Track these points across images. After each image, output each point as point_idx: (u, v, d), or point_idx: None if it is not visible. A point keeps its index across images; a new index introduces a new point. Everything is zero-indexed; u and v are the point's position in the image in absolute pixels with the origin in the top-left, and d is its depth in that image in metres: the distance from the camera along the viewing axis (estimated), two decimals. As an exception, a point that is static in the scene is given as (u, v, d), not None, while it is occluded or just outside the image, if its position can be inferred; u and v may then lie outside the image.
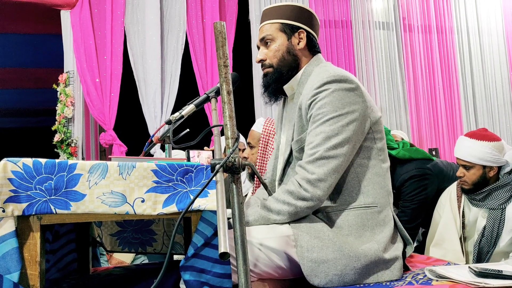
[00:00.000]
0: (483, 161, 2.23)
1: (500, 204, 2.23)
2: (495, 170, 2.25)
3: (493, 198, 2.25)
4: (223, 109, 1.18)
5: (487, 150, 2.22)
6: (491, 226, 2.23)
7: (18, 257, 1.17)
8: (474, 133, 2.34)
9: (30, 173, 1.21)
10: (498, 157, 2.23)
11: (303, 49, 1.65)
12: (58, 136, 4.24)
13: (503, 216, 2.21)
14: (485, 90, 5.21)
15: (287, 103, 1.74)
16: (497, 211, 2.23)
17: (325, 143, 1.45)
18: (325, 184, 1.43)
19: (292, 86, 1.66)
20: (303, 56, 1.66)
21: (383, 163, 1.56)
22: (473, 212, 2.34)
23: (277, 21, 1.65)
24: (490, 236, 2.23)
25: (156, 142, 1.91)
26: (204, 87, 4.41)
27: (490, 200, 2.26)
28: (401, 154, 2.75)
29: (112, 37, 4.27)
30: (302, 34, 1.64)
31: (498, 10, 5.35)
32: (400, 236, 1.57)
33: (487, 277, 1.37)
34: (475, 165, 2.26)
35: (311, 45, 1.66)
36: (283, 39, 1.64)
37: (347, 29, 4.90)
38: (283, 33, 1.64)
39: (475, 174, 2.26)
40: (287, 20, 1.64)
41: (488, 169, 2.25)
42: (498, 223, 2.21)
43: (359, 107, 1.49)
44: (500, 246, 2.22)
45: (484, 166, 2.25)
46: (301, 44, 1.64)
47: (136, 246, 1.91)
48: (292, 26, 1.64)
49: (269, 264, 1.39)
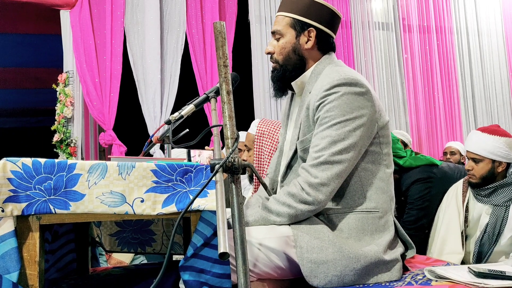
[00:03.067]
0: (493, 155, 2.25)
1: (505, 201, 2.24)
2: (503, 166, 2.27)
3: (499, 195, 2.25)
4: (222, 109, 1.18)
5: (498, 144, 2.24)
6: (494, 223, 2.23)
7: (17, 257, 1.17)
8: (486, 128, 2.36)
9: (30, 173, 1.21)
10: (508, 153, 2.25)
11: (310, 49, 1.60)
12: (57, 136, 4.23)
13: (507, 213, 2.21)
14: (484, 90, 5.22)
15: (294, 99, 1.72)
16: (501, 208, 2.24)
17: (330, 147, 1.43)
18: (327, 188, 1.42)
19: (301, 83, 1.63)
20: (310, 56, 1.61)
21: (387, 168, 1.55)
22: (477, 208, 2.35)
23: (290, 16, 1.59)
24: (492, 232, 2.24)
25: (155, 142, 1.91)
26: (203, 87, 4.41)
27: (495, 197, 2.27)
28: (408, 164, 2.78)
29: (112, 37, 4.27)
30: (312, 33, 1.58)
31: (497, 10, 5.35)
32: (400, 241, 1.56)
33: (486, 278, 1.37)
34: (484, 158, 2.27)
35: (323, 44, 1.61)
36: (291, 36, 1.59)
37: (346, 30, 4.90)
38: (292, 30, 1.59)
39: (484, 168, 2.27)
40: (299, 16, 1.58)
41: (497, 164, 2.26)
42: (501, 220, 2.22)
43: (367, 112, 1.47)
44: (501, 244, 2.22)
45: (494, 160, 2.26)
46: (309, 43, 1.59)
47: (135, 246, 1.91)
48: (303, 24, 1.58)
49: (269, 264, 1.39)
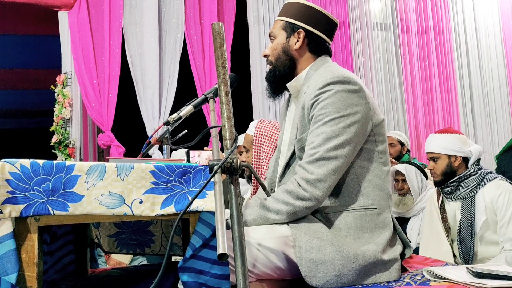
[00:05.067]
0: (448, 150, 2.45)
1: (469, 192, 2.39)
2: (459, 160, 2.45)
3: (463, 188, 2.42)
4: (221, 110, 1.18)
5: (451, 140, 2.47)
6: (466, 215, 2.37)
7: (16, 258, 1.17)
8: (441, 130, 2.64)
9: (28, 174, 1.21)
10: (461, 147, 2.45)
11: (299, 50, 1.64)
12: (55, 137, 4.23)
13: (473, 203, 2.36)
14: (483, 91, 5.23)
15: (291, 101, 1.74)
16: (468, 200, 2.39)
17: (325, 143, 1.45)
18: (324, 184, 1.43)
19: (295, 85, 1.66)
20: (301, 57, 1.64)
21: (384, 166, 1.56)
22: (451, 208, 2.48)
23: (283, 19, 1.66)
24: (466, 224, 2.35)
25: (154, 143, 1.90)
26: (202, 88, 4.41)
27: (460, 191, 2.43)
28: None
29: (110, 38, 4.27)
30: (301, 34, 1.62)
31: (495, 11, 5.36)
32: (399, 239, 1.57)
33: (484, 278, 1.37)
34: (441, 155, 2.47)
35: (313, 46, 1.64)
36: (282, 38, 1.65)
37: (345, 30, 4.91)
38: (284, 31, 1.65)
39: (442, 164, 2.46)
40: (290, 19, 1.64)
41: (453, 158, 2.45)
42: (470, 210, 2.36)
43: (361, 109, 1.49)
44: (478, 234, 2.33)
45: (449, 155, 2.46)
46: (298, 44, 1.63)
47: (134, 247, 1.91)
48: (293, 25, 1.63)
49: (268, 265, 1.39)
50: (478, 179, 2.38)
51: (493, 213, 2.31)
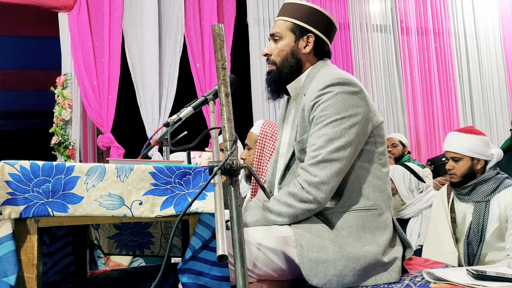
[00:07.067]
0: (472, 153, 2.34)
1: (484, 196, 2.31)
2: (482, 163, 2.35)
3: (478, 191, 2.33)
4: (221, 112, 1.18)
5: (476, 142, 2.34)
6: (477, 219, 2.30)
7: (15, 260, 1.17)
8: (463, 129, 2.49)
9: (28, 175, 1.21)
10: (485, 150, 2.34)
11: (308, 54, 1.64)
12: (55, 139, 4.23)
13: (487, 208, 2.29)
14: (482, 92, 5.23)
15: (290, 103, 1.74)
16: (482, 204, 2.31)
17: (327, 145, 1.45)
18: (327, 187, 1.43)
19: (296, 86, 1.66)
20: (307, 60, 1.65)
21: (383, 168, 1.57)
22: (462, 208, 2.42)
23: (290, 20, 1.64)
24: (476, 228, 2.30)
25: (154, 145, 1.90)
26: (202, 89, 4.41)
27: (475, 194, 2.34)
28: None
29: (110, 39, 4.27)
30: (311, 38, 1.62)
31: (495, 12, 5.37)
32: (399, 240, 1.57)
33: (485, 280, 1.37)
34: (464, 156, 2.35)
35: (319, 50, 1.65)
36: (290, 40, 1.63)
37: (345, 32, 4.92)
38: (292, 33, 1.63)
39: (464, 166, 2.35)
40: (300, 21, 1.63)
41: (476, 161, 2.35)
42: (483, 215, 2.29)
43: (361, 110, 1.49)
44: (487, 241, 2.27)
45: (472, 158, 2.35)
46: (307, 48, 1.63)
47: (134, 249, 1.90)
48: (303, 29, 1.62)
49: (269, 264, 1.39)
50: (495, 184, 2.30)
51: (505, 220, 2.24)
